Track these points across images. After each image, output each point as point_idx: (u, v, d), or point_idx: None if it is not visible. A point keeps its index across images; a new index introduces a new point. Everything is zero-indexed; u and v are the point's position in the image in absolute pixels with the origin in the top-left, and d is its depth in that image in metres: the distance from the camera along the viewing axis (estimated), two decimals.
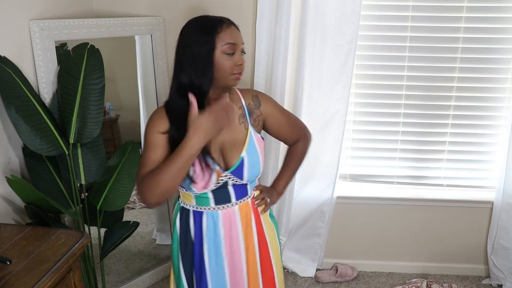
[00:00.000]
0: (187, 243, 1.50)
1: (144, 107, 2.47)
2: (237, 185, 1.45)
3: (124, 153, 2.07)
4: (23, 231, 1.50)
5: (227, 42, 1.32)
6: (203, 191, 1.41)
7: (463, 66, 2.42)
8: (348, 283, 2.63)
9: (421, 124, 2.54)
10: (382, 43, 2.43)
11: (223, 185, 1.43)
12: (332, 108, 2.40)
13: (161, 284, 2.58)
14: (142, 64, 2.42)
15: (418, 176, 2.65)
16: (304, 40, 2.25)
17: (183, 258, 1.52)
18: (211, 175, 1.38)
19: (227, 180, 1.42)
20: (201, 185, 1.39)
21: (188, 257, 1.51)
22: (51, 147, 1.83)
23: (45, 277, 1.26)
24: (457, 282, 2.62)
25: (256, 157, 1.44)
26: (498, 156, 2.53)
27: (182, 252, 1.52)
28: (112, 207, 2.05)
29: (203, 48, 1.31)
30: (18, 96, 1.75)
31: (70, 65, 1.90)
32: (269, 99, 1.54)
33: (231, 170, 1.41)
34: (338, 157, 2.47)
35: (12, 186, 1.73)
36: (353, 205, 2.63)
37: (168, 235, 2.65)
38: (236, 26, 1.39)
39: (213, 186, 1.41)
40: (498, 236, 2.52)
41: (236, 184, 1.45)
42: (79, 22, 2.02)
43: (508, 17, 2.33)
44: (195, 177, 1.36)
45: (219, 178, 1.40)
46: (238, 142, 1.42)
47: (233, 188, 1.45)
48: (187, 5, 2.29)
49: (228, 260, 1.49)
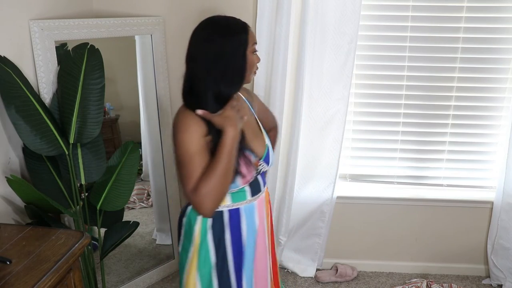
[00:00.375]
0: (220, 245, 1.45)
1: (144, 107, 2.47)
2: (263, 172, 1.51)
3: (124, 153, 2.07)
4: (23, 231, 1.50)
5: (254, 42, 1.39)
6: (246, 184, 1.43)
7: (463, 66, 2.42)
8: (348, 283, 2.63)
9: (421, 124, 2.54)
10: (382, 43, 2.43)
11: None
12: (332, 108, 2.40)
13: (161, 284, 2.58)
14: (142, 64, 2.42)
15: (418, 176, 2.65)
16: (304, 40, 2.25)
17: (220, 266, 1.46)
18: (251, 166, 1.41)
19: (261, 169, 1.47)
20: (249, 177, 1.41)
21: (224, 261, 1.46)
22: (51, 147, 1.83)
23: (45, 277, 1.25)
24: (457, 282, 2.62)
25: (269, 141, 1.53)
26: (498, 156, 2.53)
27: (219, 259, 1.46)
28: (112, 207, 2.05)
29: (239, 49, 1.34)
30: (18, 96, 1.75)
31: (70, 65, 1.90)
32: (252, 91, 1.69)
33: (264, 158, 1.47)
34: (338, 157, 2.47)
35: (12, 186, 1.73)
36: (353, 205, 2.63)
37: (168, 235, 2.65)
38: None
39: (254, 176, 1.44)
40: (498, 236, 2.52)
41: (262, 172, 1.50)
42: (79, 22, 2.02)
43: (508, 17, 2.33)
44: (243, 170, 1.37)
45: (258, 168, 1.45)
46: (257, 131, 1.50)
47: (261, 176, 1.51)
48: (187, 5, 2.29)
49: (258, 248, 1.52)
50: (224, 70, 1.33)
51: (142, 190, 2.72)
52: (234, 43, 1.34)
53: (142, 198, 2.73)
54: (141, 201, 2.73)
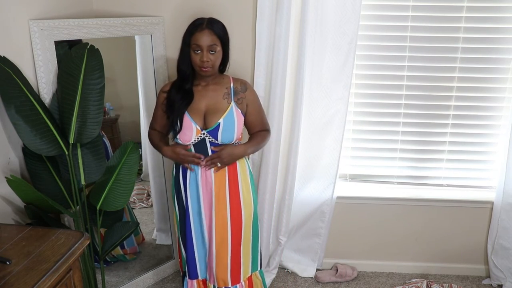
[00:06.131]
0: (179, 188, 2.00)
1: (144, 107, 2.47)
2: (214, 143, 1.91)
3: (124, 153, 2.07)
4: (23, 231, 1.50)
5: (194, 43, 1.82)
6: (186, 143, 1.90)
7: (463, 66, 2.42)
8: (348, 283, 2.63)
9: (421, 124, 2.54)
10: (382, 43, 2.43)
11: (201, 141, 1.90)
12: (332, 108, 2.40)
13: (161, 284, 2.58)
14: (142, 64, 2.42)
15: (418, 176, 2.65)
16: (304, 40, 2.25)
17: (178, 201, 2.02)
18: (192, 131, 1.88)
19: (204, 138, 1.90)
20: (183, 138, 1.90)
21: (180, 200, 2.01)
22: (51, 147, 1.83)
23: (45, 277, 1.26)
24: (457, 282, 2.62)
25: (231, 124, 1.90)
26: (498, 156, 2.53)
27: (177, 195, 2.01)
28: (112, 207, 2.05)
29: (184, 45, 1.86)
30: (18, 96, 1.75)
31: (70, 65, 1.90)
32: (254, 92, 2.02)
33: (208, 130, 1.89)
34: (338, 157, 2.47)
35: (12, 186, 1.73)
36: (353, 205, 2.63)
37: (168, 235, 2.65)
38: (211, 28, 1.81)
39: (193, 140, 1.90)
40: (498, 236, 2.52)
41: (213, 143, 1.91)
42: (79, 22, 2.02)
43: (508, 17, 2.33)
44: (180, 132, 1.88)
45: (198, 135, 1.90)
46: (219, 111, 1.90)
47: (210, 145, 1.91)
48: (187, 5, 2.29)
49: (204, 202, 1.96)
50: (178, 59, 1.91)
51: (142, 190, 2.72)
52: (183, 41, 1.86)
53: (142, 198, 2.73)
54: (141, 201, 2.73)
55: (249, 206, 2.01)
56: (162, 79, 2.35)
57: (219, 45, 1.84)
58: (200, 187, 1.95)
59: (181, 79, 1.91)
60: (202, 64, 1.82)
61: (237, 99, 1.94)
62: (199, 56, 1.82)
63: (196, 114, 1.90)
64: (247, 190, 2.01)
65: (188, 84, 1.91)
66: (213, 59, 1.83)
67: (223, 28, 1.86)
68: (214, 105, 1.91)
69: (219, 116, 1.89)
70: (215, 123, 1.88)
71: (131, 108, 2.60)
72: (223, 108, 1.91)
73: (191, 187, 1.97)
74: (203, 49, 1.80)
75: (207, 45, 1.80)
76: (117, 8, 2.29)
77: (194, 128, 1.89)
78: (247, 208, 2.00)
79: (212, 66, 1.84)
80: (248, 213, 2.00)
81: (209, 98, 1.92)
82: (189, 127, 1.89)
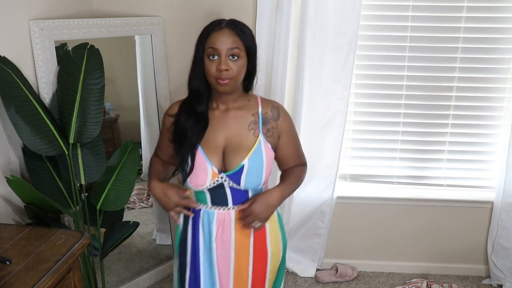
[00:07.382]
0: (186, 237, 1.54)
1: (144, 107, 2.47)
2: (236, 189, 1.46)
3: (124, 153, 2.07)
4: (23, 231, 1.50)
5: (210, 46, 1.37)
6: (198, 188, 1.45)
7: (463, 66, 2.42)
8: (348, 283, 2.63)
9: (421, 124, 2.54)
10: (382, 43, 2.43)
11: (219, 186, 1.45)
12: (332, 108, 2.40)
13: (161, 284, 2.58)
14: (142, 64, 2.42)
15: (418, 176, 2.65)
16: (304, 40, 2.25)
17: (180, 254, 1.57)
18: (207, 174, 1.42)
19: (222, 182, 1.44)
20: (195, 181, 1.44)
21: (184, 253, 1.55)
22: (51, 147, 1.83)
23: (45, 277, 1.25)
24: (457, 282, 2.62)
25: (259, 166, 1.44)
26: (498, 156, 2.53)
27: (181, 247, 1.57)
28: (112, 207, 2.05)
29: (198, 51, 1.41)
30: (18, 96, 1.75)
31: (70, 65, 1.90)
32: (289, 118, 1.54)
33: (228, 174, 1.43)
34: (338, 157, 2.47)
35: (12, 186, 1.73)
36: (353, 205, 2.63)
37: (168, 235, 2.65)
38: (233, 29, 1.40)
39: (208, 185, 1.44)
40: (498, 236, 2.52)
41: (234, 188, 1.45)
42: (79, 22, 2.01)
43: (508, 17, 2.33)
44: (191, 174, 1.43)
45: (215, 179, 1.43)
46: (243, 147, 1.44)
47: (230, 191, 1.46)
48: (187, 5, 2.28)
49: (219, 262, 1.50)
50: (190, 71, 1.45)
51: (142, 190, 2.72)
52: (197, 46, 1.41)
53: (142, 198, 2.73)
54: (141, 201, 2.72)
55: (277, 255, 1.57)
56: (162, 79, 2.35)
57: (243, 50, 1.38)
58: (214, 234, 1.49)
59: (193, 99, 1.45)
60: (220, 74, 1.35)
61: (267, 130, 1.47)
62: (216, 63, 1.36)
63: (213, 151, 1.43)
64: (275, 240, 1.56)
65: (202, 106, 1.45)
66: (234, 67, 1.36)
67: (249, 32, 1.42)
68: (237, 139, 1.44)
69: (243, 155, 1.42)
70: (237, 165, 1.42)
71: (131, 108, 2.60)
72: (249, 143, 1.44)
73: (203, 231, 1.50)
74: (221, 54, 1.35)
75: (227, 48, 1.35)
76: (117, 8, 2.29)
77: (210, 169, 1.42)
78: (275, 258, 1.56)
79: (232, 78, 1.37)
80: (275, 263, 1.57)
81: (230, 129, 1.45)
82: (202, 167, 1.42)
